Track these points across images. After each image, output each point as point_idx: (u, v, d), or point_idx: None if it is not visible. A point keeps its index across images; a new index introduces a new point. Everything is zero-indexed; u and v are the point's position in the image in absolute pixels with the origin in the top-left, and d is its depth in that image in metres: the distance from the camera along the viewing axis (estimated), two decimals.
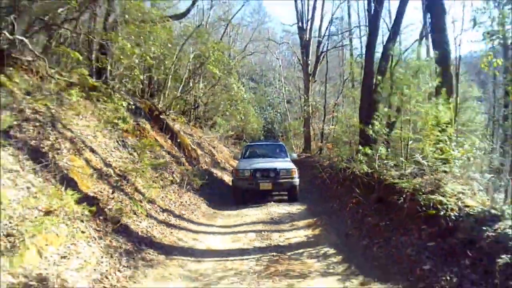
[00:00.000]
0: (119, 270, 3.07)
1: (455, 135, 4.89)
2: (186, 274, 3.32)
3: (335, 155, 8.62)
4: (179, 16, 9.66)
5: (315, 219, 5.40)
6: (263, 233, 4.80)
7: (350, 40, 17.28)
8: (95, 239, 3.27)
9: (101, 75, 6.28)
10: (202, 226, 5.23)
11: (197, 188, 6.99)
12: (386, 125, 5.18)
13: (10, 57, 4.91)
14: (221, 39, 17.83)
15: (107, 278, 2.91)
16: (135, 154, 5.72)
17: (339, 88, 17.09)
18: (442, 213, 3.41)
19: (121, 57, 5.87)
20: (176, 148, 7.88)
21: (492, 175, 4.35)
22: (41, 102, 4.50)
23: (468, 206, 3.51)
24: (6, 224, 2.70)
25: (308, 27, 16.02)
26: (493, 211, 3.32)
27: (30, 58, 5.13)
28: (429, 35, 7.97)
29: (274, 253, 3.89)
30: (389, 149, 5.07)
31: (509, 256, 2.65)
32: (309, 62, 16.39)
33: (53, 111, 4.53)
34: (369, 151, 4.67)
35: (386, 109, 4.95)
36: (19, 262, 2.64)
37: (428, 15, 6.91)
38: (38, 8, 5.28)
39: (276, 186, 7.20)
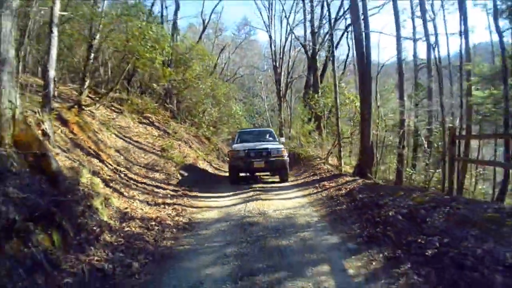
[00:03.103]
0: (215, 169, 11.91)
1: (322, 134, 13.81)
2: None
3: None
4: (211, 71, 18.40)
5: None
6: None
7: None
8: (209, 163, 12.05)
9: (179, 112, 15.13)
10: None
11: (223, 160, 15.82)
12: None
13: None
14: (220, 73, 26.77)
15: (216, 169, 11.75)
16: (201, 146, 14.50)
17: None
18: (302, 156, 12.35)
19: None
20: (212, 145, 16.60)
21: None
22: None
23: (310, 154, 12.48)
24: (190, 157, 11.41)
25: (279, 65, 25.00)
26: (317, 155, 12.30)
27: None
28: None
29: None
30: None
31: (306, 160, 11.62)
32: (281, 88, 25.31)
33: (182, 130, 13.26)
34: (291, 142, 13.60)
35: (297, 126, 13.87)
36: (186, 162, 11.37)
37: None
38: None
39: (268, 164, 7.87)
